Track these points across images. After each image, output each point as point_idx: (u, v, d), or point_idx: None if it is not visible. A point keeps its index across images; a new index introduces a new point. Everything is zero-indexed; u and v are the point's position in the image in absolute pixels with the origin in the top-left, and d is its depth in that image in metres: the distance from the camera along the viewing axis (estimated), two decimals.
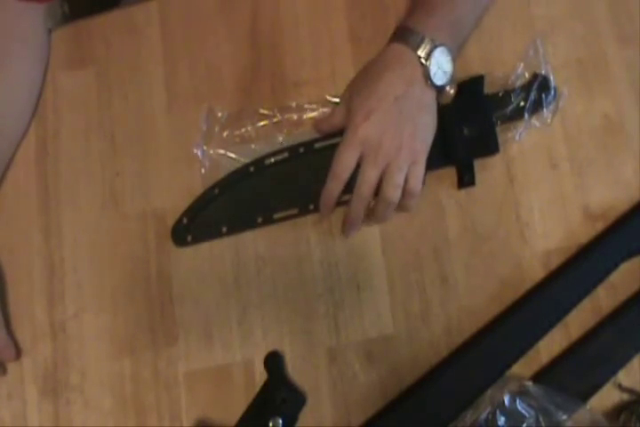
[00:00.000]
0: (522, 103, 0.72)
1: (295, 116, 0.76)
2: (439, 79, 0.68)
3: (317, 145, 0.73)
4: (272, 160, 0.73)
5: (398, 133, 0.66)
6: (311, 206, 0.72)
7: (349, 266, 0.72)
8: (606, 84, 0.73)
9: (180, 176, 0.77)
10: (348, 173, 0.68)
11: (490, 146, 0.71)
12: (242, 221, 0.74)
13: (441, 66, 0.68)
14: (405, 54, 0.68)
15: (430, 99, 0.68)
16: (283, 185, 0.73)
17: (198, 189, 0.75)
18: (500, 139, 0.72)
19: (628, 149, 0.71)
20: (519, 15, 0.76)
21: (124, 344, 0.74)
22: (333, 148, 0.69)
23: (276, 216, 0.73)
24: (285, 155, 0.73)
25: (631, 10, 0.75)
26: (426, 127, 0.68)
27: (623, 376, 0.65)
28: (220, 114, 0.77)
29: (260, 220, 0.73)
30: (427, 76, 0.67)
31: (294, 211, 0.73)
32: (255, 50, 0.79)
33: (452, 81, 0.70)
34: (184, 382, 0.72)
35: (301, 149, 0.73)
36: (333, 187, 0.68)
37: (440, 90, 0.69)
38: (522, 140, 0.72)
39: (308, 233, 0.73)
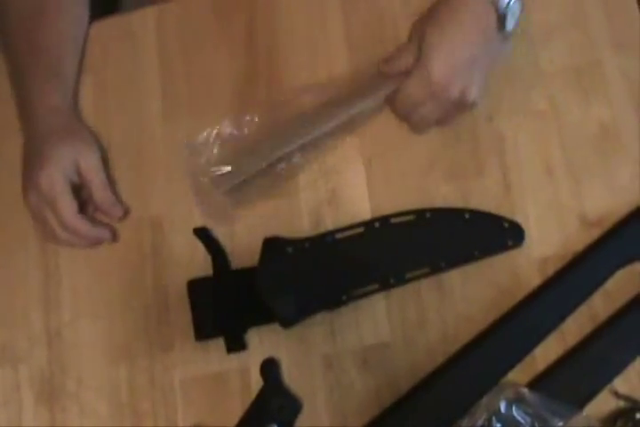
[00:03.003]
0: None
1: None
2: (509, 25, 0.68)
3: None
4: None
5: (468, 80, 0.67)
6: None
7: None
8: (602, 90, 0.73)
9: (176, 184, 0.77)
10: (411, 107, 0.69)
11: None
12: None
13: (514, 13, 0.68)
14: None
15: (496, 45, 0.69)
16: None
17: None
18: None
19: (624, 156, 0.71)
20: None
21: (120, 351, 0.74)
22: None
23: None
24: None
25: (627, 16, 0.75)
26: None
27: (619, 383, 0.65)
28: (216, 121, 0.77)
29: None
30: (502, 22, 0.67)
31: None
32: (251, 56, 0.80)
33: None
34: (180, 388, 0.72)
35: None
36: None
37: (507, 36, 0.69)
38: (518, 147, 0.72)
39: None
